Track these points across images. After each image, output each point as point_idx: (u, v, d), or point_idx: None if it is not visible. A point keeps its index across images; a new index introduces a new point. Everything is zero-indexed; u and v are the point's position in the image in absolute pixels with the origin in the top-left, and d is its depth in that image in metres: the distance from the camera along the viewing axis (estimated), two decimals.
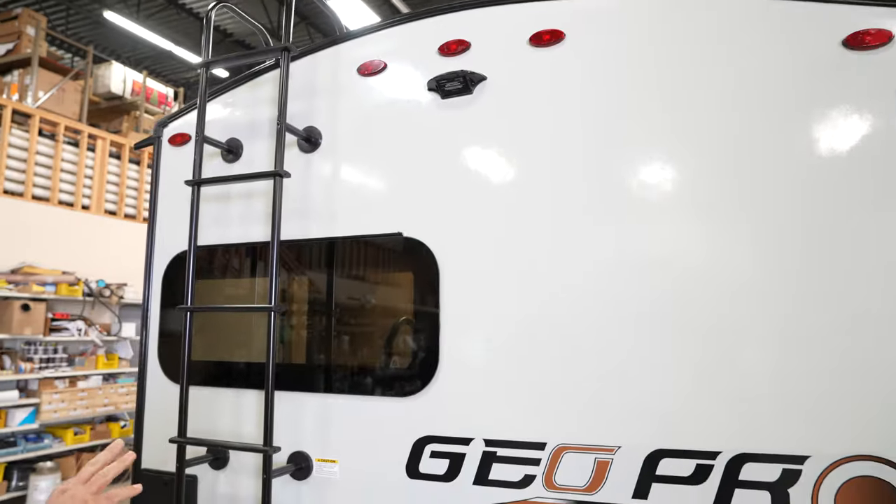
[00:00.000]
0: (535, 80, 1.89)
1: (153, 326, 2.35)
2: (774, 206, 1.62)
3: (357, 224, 2.07)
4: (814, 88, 1.63)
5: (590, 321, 1.75)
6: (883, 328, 1.50)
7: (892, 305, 1.50)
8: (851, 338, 1.52)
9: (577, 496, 1.70)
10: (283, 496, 2.02)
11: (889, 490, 1.48)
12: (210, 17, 2.21)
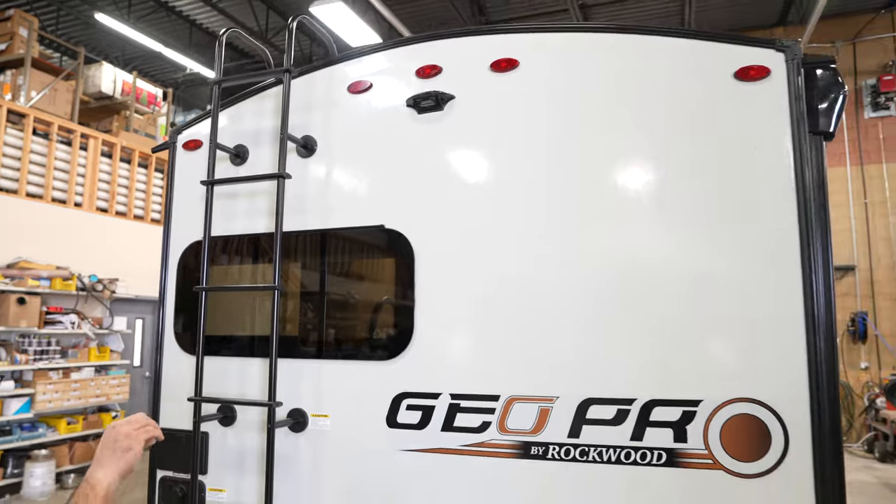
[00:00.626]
0: (494, 100, 2.30)
1: (169, 306, 2.73)
2: (680, 207, 2.05)
3: (346, 218, 2.46)
4: (713, 111, 2.06)
5: (535, 299, 2.16)
6: (744, 307, 1.93)
7: (757, 286, 1.93)
8: (725, 314, 1.95)
9: (524, 437, 2.11)
10: (283, 446, 2.41)
11: (759, 423, 1.90)
12: (222, 42, 2.59)
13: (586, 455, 2.05)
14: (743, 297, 1.97)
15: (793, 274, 1.93)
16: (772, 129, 2.01)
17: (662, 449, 1.99)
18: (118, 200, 10.10)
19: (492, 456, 2.14)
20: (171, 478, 2.59)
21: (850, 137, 11.85)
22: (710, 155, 2.06)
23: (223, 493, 2.53)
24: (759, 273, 1.96)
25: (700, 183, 2.06)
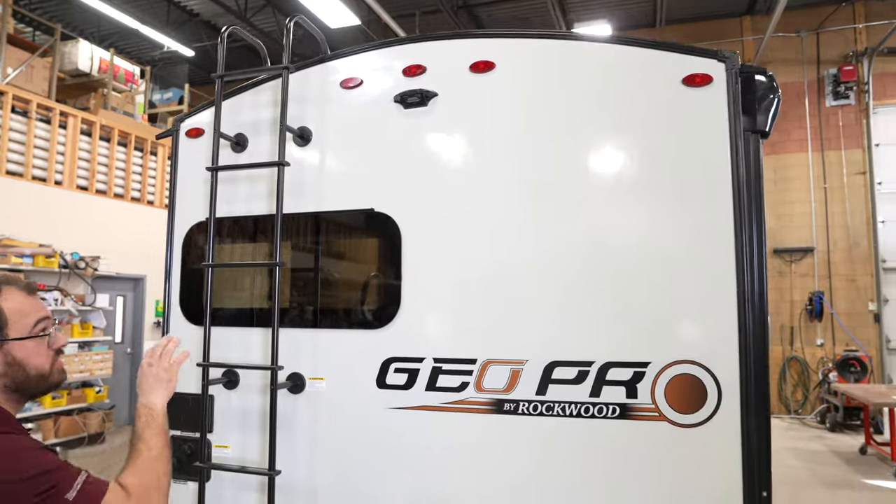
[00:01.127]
0: (473, 98, 2.58)
1: (175, 280, 2.98)
2: (634, 196, 2.36)
3: (339, 201, 2.73)
4: (663, 114, 2.36)
5: (508, 275, 2.46)
6: (686, 283, 2.26)
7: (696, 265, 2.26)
8: (670, 289, 2.27)
9: (498, 395, 2.43)
10: (283, 406, 2.69)
11: (697, 381, 2.24)
12: (223, 38, 2.81)
13: (552, 410, 2.37)
14: (686, 274, 2.30)
15: (727, 255, 2.26)
16: (713, 128, 2.32)
17: (616, 404, 2.32)
18: (98, 179, 10.16)
19: (470, 412, 2.45)
20: (179, 436, 2.85)
21: (812, 125, 12.35)
22: (661, 150, 2.37)
23: (228, 450, 2.81)
24: (699, 254, 2.29)
25: (652, 174, 2.37)
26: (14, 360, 1.64)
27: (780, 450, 9.34)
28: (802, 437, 10.35)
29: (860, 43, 12.18)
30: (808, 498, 6.98)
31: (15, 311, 1.64)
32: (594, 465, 2.33)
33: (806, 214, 12.29)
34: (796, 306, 12.24)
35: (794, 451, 9.30)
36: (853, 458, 8.80)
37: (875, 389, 8.82)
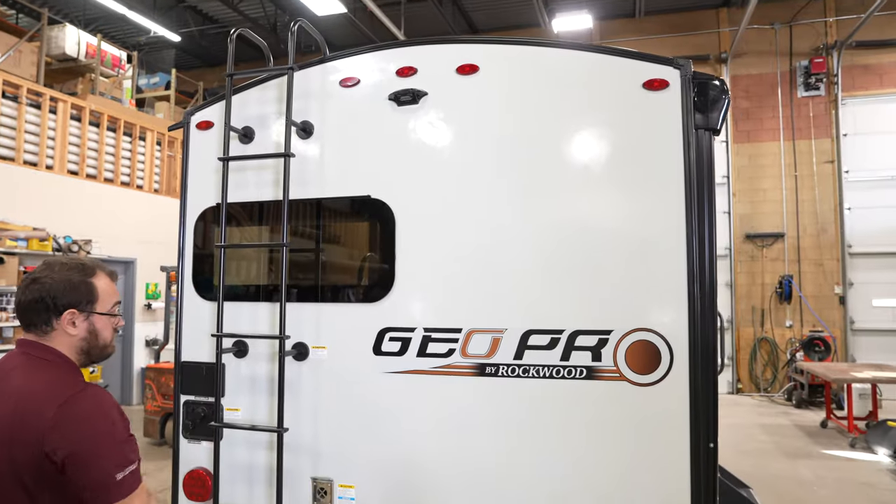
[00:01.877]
0: (459, 97, 2.89)
1: (188, 261, 3.27)
2: (600, 185, 2.69)
3: (339, 188, 3.04)
4: (631, 116, 2.69)
5: (490, 254, 2.79)
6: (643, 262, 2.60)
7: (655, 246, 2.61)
8: (630, 267, 2.62)
9: (481, 360, 2.77)
10: (289, 372, 3.00)
11: (653, 346, 2.59)
12: (232, 38, 3.09)
13: (527, 372, 2.72)
14: (644, 254, 2.64)
15: (679, 236, 2.60)
16: (669, 126, 2.65)
17: (583, 366, 2.67)
18: (88, 164, 10.31)
19: (456, 375, 2.79)
20: (193, 401, 3.17)
21: (784, 115, 12.80)
22: (624, 145, 2.70)
23: (238, 412, 3.12)
24: (655, 235, 2.64)
25: (616, 166, 2.70)
26: (94, 329, 1.96)
27: (749, 425, 9.86)
28: (770, 413, 10.89)
29: (830, 36, 12.62)
30: (771, 467, 7.47)
31: (103, 290, 1.97)
32: (564, 419, 2.68)
33: (777, 201, 12.78)
34: (767, 289, 12.76)
35: (761, 426, 9.82)
36: (815, 431, 9.33)
37: (835, 367, 9.33)
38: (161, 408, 8.22)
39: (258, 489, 3.06)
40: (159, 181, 11.87)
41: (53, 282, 1.89)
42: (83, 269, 1.95)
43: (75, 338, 1.92)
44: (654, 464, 2.60)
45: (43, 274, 1.90)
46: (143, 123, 11.54)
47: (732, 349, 12.80)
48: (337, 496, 2.95)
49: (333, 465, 2.96)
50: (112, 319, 1.99)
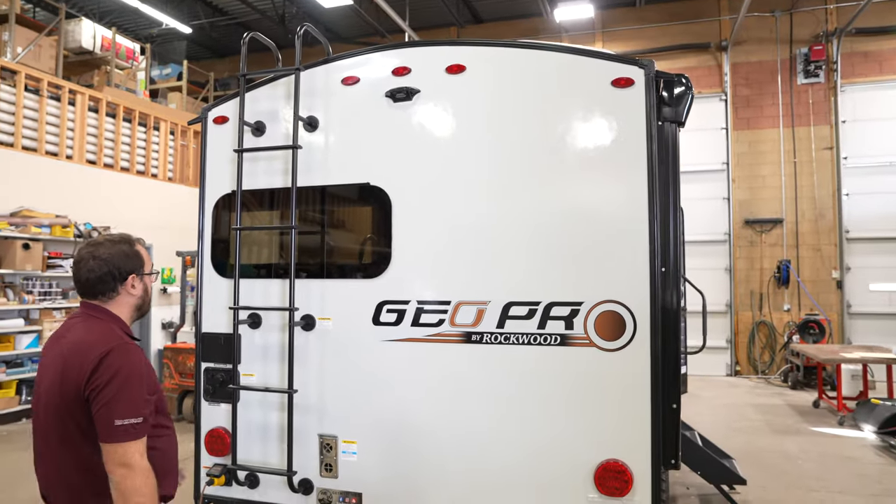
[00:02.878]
0: (448, 94, 3.22)
1: (207, 243, 3.63)
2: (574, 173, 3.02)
3: (341, 176, 3.38)
4: (600, 111, 3.01)
5: (476, 235, 3.13)
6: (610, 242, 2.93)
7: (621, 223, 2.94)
8: (599, 246, 2.95)
9: (467, 329, 3.12)
10: (297, 341, 3.37)
11: (618, 316, 2.93)
12: (245, 41, 3.43)
13: (508, 339, 3.07)
14: (611, 235, 2.97)
15: (642, 219, 2.93)
16: (634, 119, 2.97)
17: (558, 334, 3.01)
18: (105, 153, 10.71)
19: (445, 342, 3.15)
20: (213, 367, 3.55)
21: (783, 102, 12.98)
22: (594, 137, 3.02)
23: (253, 377, 3.49)
24: (621, 218, 2.96)
25: (587, 156, 3.03)
26: (146, 288, 2.37)
27: (743, 405, 10.18)
28: (765, 394, 11.19)
29: (830, 23, 12.76)
30: (759, 443, 7.80)
31: (145, 256, 2.37)
32: (541, 380, 3.03)
33: (776, 188, 12.99)
34: (766, 274, 13.01)
35: (755, 406, 10.13)
36: (807, 410, 9.64)
37: (827, 349, 9.62)
38: (179, 385, 8.66)
39: (271, 445, 3.43)
40: (173, 170, 12.26)
41: (112, 256, 2.24)
42: (128, 242, 2.33)
43: (135, 297, 2.32)
44: (621, 419, 2.94)
45: (98, 251, 2.24)
46: (157, 114, 11.92)
47: (731, 333, 13.09)
48: (341, 451, 3.32)
49: (337, 423, 3.33)
50: (152, 278, 2.41)
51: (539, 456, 3.01)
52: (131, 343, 2.21)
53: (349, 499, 3.30)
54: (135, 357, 2.16)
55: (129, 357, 2.13)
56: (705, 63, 13.53)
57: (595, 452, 2.95)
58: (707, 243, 13.17)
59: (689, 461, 5.52)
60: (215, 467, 3.45)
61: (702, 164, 13.24)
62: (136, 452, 2.04)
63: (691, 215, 12.46)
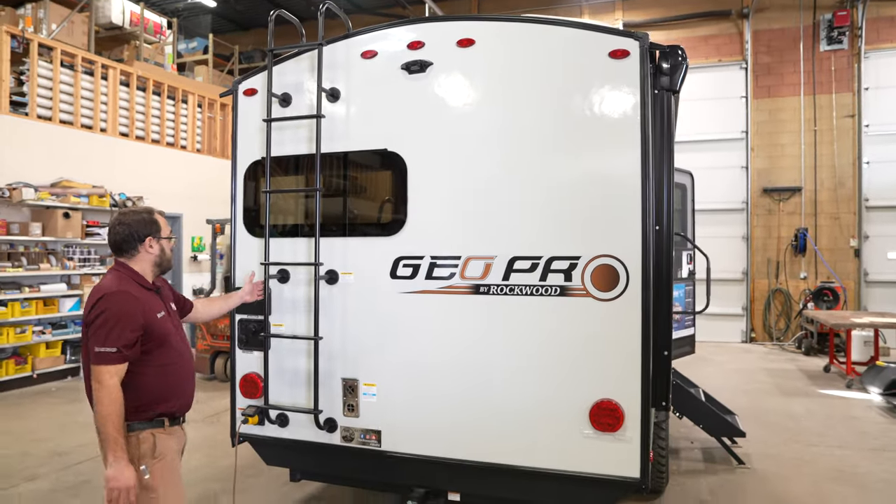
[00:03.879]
0: (459, 66, 3.49)
1: (239, 205, 3.97)
2: (573, 138, 3.28)
3: (361, 142, 3.69)
4: (597, 80, 3.26)
5: (484, 196, 3.42)
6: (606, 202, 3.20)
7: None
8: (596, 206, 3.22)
9: (476, 281, 3.43)
10: (322, 294, 3.71)
11: (613, 269, 3.21)
12: (272, 18, 3.72)
13: (513, 291, 3.37)
14: (607, 195, 3.23)
15: (635, 182, 3.19)
16: (630, 88, 3.21)
17: (557, 286, 3.31)
18: (137, 126, 11.13)
19: (456, 293, 3.47)
20: (246, 319, 3.91)
21: (805, 69, 12.90)
22: (593, 105, 3.28)
23: (282, 326, 3.86)
24: (616, 181, 3.22)
25: (586, 123, 3.28)
26: (162, 249, 2.88)
27: (755, 370, 10.42)
28: (778, 359, 11.40)
29: None
30: (766, 403, 8.06)
31: (163, 223, 2.90)
32: (542, 328, 3.33)
33: (795, 156, 13.00)
34: (783, 242, 13.10)
35: (766, 370, 10.37)
36: (817, 375, 9.85)
37: (838, 314, 9.78)
38: (211, 346, 9.16)
39: (299, 388, 3.81)
40: (201, 141, 12.67)
41: (134, 222, 2.82)
42: (148, 211, 2.89)
43: (152, 255, 2.87)
44: (614, 362, 3.23)
45: (124, 218, 2.83)
46: (185, 87, 12.29)
47: (747, 300, 13.25)
48: (362, 392, 3.68)
49: (359, 367, 3.68)
50: (169, 242, 2.94)
51: (539, 395, 3.34)
52: (125, 291, 2.69)
53: (369, 435, 3.67)
54: (121, 302, 2.64)
55: (116, 301, 2.63)
56: (726, 31, 13.47)
57: (590, 392, 3.26)
58: (724, 212, 13.28)
59: (691, 415, 5.84)
60: (249, 408, 3.84)
61: (720, 132, 13.29)
62: (105, 373, 2.57)
63: (709, 184, 12.63)
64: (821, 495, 4.99)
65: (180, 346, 2.88)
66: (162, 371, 2.76)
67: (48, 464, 5.78)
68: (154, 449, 2.71)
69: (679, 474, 5.47)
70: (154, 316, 2.74)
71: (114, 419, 2.55)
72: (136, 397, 2.66)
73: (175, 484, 2.79)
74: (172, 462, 2.79)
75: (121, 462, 2.55)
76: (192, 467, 5.70)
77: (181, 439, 2.92)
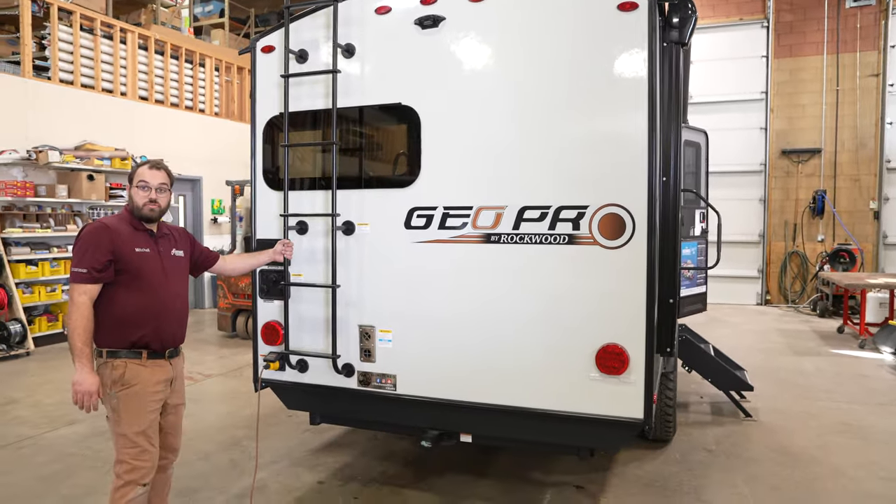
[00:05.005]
0: (471, 20, 3.55)
1: (258, 160, 4.11)
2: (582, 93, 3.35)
3: (376, 97, 3.78)
4: (605, 33, 3.31)
5: (494, 149, 3.51)
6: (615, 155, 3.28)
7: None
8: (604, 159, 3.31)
9: (487, 231, 3.55)
10: (339, 244, 3.86)
11: (619, 218, 3.30)
12: None
13: (523, 239, 3.49)
14: (615, 147, 3.31)
15: (642, 134, 3.26)
16: (638, 41, 3.26)
17: (566, 234, 3.42)
18: (156, 90, 11.26)
19: (468, 242, 3.60)
20: (266, 269, 4.08)
21: (829, 27, 12.62)
22: (602, 57, 3.33)
23: (301, 276, 4.02)
24: (623, 134, 3.30)
25: (594, 75, 3.34)
26: (131, 196, 3.10)
27: (768, 330, 10.49)
28: (793, 321, 11.45)
29: None
30: (777, 361, 8.17)
31: (140, 172, 3.09)
32: (551, 275, 3.46)
33: (816, 117, 12.81)
34: (801, 204, 13.01)
35: (780, 331, 10.44)
36: (830, 336, 9.91)
37: (853, 275, 9.78)
38: (232, 305, 9.43)
39: (317, 335, 3.99)
40: (219, 105, 12.79)
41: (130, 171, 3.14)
42: (138, 164, 3.16)
43: (126, 199, 3.18)
44: (620, 307, 3.35)
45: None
46: (202, 50, 12.36)
47: (763, 262, 13.24)
48: (378, 339, 3.85)
49: (374, 314, 3.85)
50: (142, 191, 3.05)
51: (547, 339, 3.48)
52: (100, 223, 3.00)
53: (385, 380, 3.85)
54: (92, 231, 2.96)
55: (89, 230, 2.97)
56: None
57: (596, 337, 3.39)
58: (741, 174, 13.19)
59: (700, 369, 5.98)
60: (270, 354, 4.03)
61: (738, 93, 13.12)
62: (75, 290, 2.87)
63: (726, 146, 12.54)
64: (825, 446, 5.13)
65: (160, 284, 3.07)
66: (132, 300, 2.97)
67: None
68: (123, 377, 2.95)
69: (687, 425, 5.63)
70: (130, 248, 2.98)
71: (80, 332, 2.84)
72: (108, 321, 2.94)
73: (137, 412, 2.97)
74: (141, 392, 2.98)
75: (85, 369, 2.84)
76: (217, 416, 5.98)
77: (166, 372, 3.11)
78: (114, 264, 2.92)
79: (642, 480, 4.44)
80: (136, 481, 2.94)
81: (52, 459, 4.87)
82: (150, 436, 3.02)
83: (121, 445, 2.96)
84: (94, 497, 4.20)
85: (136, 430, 2.95)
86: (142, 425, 2.97)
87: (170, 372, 3.14)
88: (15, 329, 8.23)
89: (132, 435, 2.94)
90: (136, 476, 2.94)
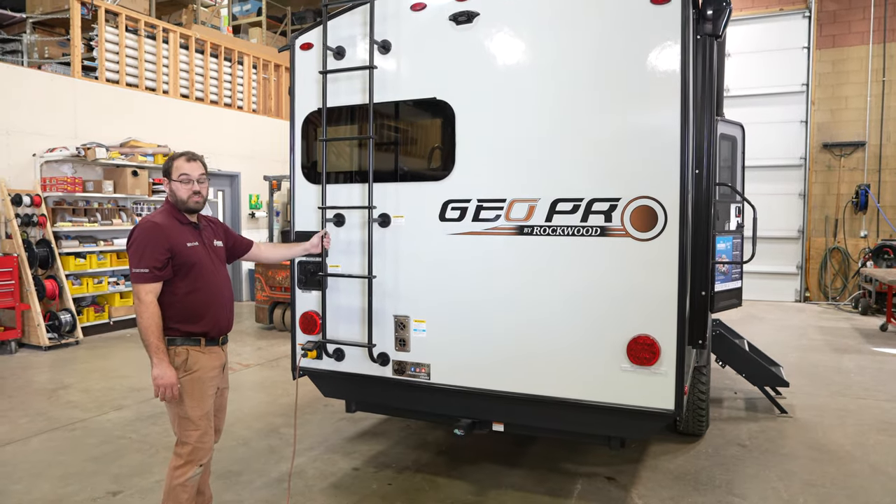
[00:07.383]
0: (505, 15, 3.61)
1: (297, 154, 4.24)
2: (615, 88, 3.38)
3: (411, 92, 3.87)
4: (638, 26, 3.33)
5: (528, 143, 3.57)
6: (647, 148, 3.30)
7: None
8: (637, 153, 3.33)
9: (520, 223, 3.61)
10: (375, 235, 3.96)
11: (652, 210, 3.33)
12: None
13: (556, 231, 3.54)
14: (648, 140, 3.32)
15: (675, 127, 3.27)
16: (671, 34, 3.27)
17: (598, 226, 3.46)
18: (196, 87, 11.56)
19: (501, 234, 3.66)
20: (305, 260, 4.21)
21: (876, 15, 12.26)
22: (636, 51, 3.35)
23: (338, 267, 4.14)
24: (656, 127, 3.31)
25: (628, 69, 3.37)
26: (172, 190, 3.16)
27: (807, 327, 10.29)
28: (833, 318, 11.20)
29: None
30: (814, 358, 8.02)
31: (179, 165, 3.16)
32: (583, 267, 3.50)
33: (860, 109, 12.48)
34: (842, 199, 12.70)
35: (819, 328, 10.23)
36: (872, 333, 9.67)
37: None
38: (269, 297, 9.66)
39: (354, 324, 4.10)
40: (257, 102, 13.06)
41: (165, 165, 3.19)
42: (173, 156, 3.21)
43: (170, 194, 3.18)
44: (652, 299, 3.38)
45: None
46: (241, 49, 12.64)
47: (802, 259, 12.96)
48: (412, 328, 3.95)
49: (409, 305, 3.94)
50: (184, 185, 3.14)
51: (579, 331, 3.52)
52: (150, 221, 3.09)
53: (420, 368, 3.95)
54: (146, 230, 3.03)
55: (142, 229, 3.03)
56: None
57: (628, 328, 3.42)
58: (781, 168, 12.93)
59: (734, 364, 5.93)
60: (308, 343, 4.16)
61: (778, 86, 12.85)
62: (141, 291, 2.96)
63: (765, 140, 12.31)
64: (864, 444, 5.05)
65: (212, 274, 3.20)
66: (192, 292, 3.09)
67: (129, 397, 6.35)
68: (186, 363, 3.07)
69: (720, 420, 5.60)
70: (182, 244, 3.09)
71: (153, 329, 2.95)
72: (170, 314, 3.05)
73: (200, 396, 3.11)
74: (202, 377, 3.11)
75: (163, 363, 2.95)
76: (255, 404, 6.17)
77: (220, 358, 3.26)
78: (171, 261, 3.03)
79: (673, 473, 4.45)
80: (196, 461, 3.10)
81: (102, 441, 5.10)
82: (211, 419, 3.18)
83: (184, 428, 3.10)
84: (142, 476, 4.40)
85: (199, 413, 3.11)
86: (204, 408, 3.13)
87: (223, 358, 3.29)
88: (65, 319, 8.59)
89: (196, 418, 3.10)
90: (197, 456, 3.10)
